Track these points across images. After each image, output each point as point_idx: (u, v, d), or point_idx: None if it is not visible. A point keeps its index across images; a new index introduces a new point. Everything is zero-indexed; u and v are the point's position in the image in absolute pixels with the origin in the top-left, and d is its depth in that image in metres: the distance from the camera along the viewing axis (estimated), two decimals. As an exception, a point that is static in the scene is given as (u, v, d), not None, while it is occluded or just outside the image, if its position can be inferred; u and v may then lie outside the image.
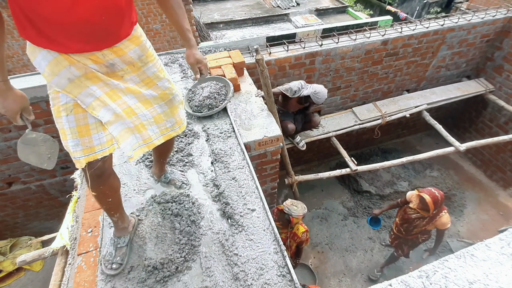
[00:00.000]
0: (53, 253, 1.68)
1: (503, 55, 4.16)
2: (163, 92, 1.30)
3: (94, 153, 1.15)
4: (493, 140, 3.74)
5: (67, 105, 1.08)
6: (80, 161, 1.15)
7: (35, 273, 3.83)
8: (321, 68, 3.54)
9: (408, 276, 1.21)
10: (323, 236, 4.07)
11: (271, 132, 2.27)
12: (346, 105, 4.17)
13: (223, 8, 9.67)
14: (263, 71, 2.40)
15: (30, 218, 3.98)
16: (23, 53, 5.64)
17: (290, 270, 1.47)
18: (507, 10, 3.99)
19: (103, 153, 1.16)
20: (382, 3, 11.84)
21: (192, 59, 1.44)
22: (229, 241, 1.59)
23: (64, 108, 1.08)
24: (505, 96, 4.26)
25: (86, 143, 1.14)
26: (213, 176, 1.92)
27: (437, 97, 4.12)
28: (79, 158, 1.14)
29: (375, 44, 3.53)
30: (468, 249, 1.30)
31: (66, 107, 1.08)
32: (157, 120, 1.32)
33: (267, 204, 1.74)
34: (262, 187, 1.94)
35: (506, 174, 4.46)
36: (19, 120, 1.14)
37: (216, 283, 1.44)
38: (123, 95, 1.18)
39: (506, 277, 1.17)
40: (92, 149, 1.15)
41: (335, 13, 9.25)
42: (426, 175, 4.79)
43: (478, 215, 4.27)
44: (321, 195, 4.59)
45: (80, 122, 1.12)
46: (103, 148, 1.16)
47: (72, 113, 1.10)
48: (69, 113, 1.09)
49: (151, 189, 1.85)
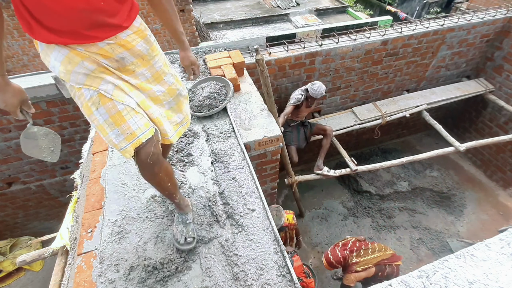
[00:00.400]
0: (53, 253, 1.68)
1: (503, 55, 4.16)
2: (170, 87, 1.31)
3: (138, 138, 1.14)
4: (493, 140, 3.75)
5: (92, 98, 1.08)
6: (128, 149, 1.14)
7: (35, 273, 3.83)
8: (321, 68, 3.54)
9: (408, 276, 1.21)
10: (323, 236, 4.07)
11: (271, 132, 2.27)
12: (346, 105, 4.17)
13: (223, 8, 9.67)
14: (263, 71, 2.40)
15: (30, 218, 3.98)
16: (23, 53, 5.64)
17: (290, 270, 1.47)
18: (507, 10, 3.99)
19: (145, 136, 1.15)
20: (382, 3, 11.84)
21: (186, 62, 1.48)
22: (229, 241, 1.59)
23: (92, 103, 1.08)
24: (505, 96, 4.26)
25: (125, 130, 1.14)
26: (213, 176, 1.92)
27: (437, 97, 4.12)
28: (126, 147, 1.14)
29: (375, 44, 3.53)
30: (468, 249, 1.30)
31: (93, 101, 1.08)
32: (168, 116, 1.33)
33: (267, 204, 1.74)
34: (262, 187, 1.94)
35: (506, 174, 4.46)
36: (19, 114, 1.14)
37: (216, 283, 1.44)
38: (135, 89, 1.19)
39: (506, 277, 1.17)
40: (133, 134, 1.15)
41: (335, 13, 9.25)
42: (426, 175, 4.79)
43: (478, 215, 4.27)
44: (321, 195, 4.59)
45: (111, 112, 1.11)
46: (143, 131, 1.16)
47: (101, 104, 1.09)
48: (98, 106, 1.09)
49: (151, 188, 1.85)
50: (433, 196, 4.52)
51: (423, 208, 4.39)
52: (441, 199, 4.48)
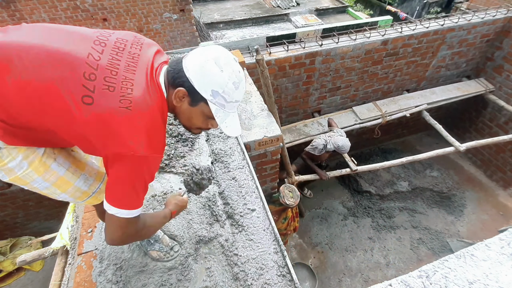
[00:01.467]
0: (53, 253, 1.68)
1: (503, 55, 4.16)
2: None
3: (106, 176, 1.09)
4: (493, 140, 3.75)
5: (47, 151, 0.94)
6: (102, 189, 1.08)
7: (35, 273, 3.83)
8: (321, 68, 3.54)
9: (408, 276, 1.21)
10: (323, 236, 4.07)
11: (271, 132, 2.27)
12: (346, 105, 4.17)
13: (223, 8, 9.66)
14: (263, 71, 2.40)
15: (30, 218, 3.98)
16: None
17: (290, 270, 1.47)
18: (507, 10, 3.99)
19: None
20: (382, 3, 11.83)
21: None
22: (229, 241, 1.59)
23: (47, 156, 0.93)
24: (505, 96, 4.26)
25: (92, 172, 1.07)
26: (213, 176, 1.92)
27: (437, 97, 4.12)
28: (99, 186, 1.08)
29: (375, 44, 3.53)
30: (468, 249, 1.30)
31: (48, 153, 0.94)
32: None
33: (267, 204, 1.74)
34: (262, 187, 1.94)
35: (506, 174, 4.46)
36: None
37: (216, 283, 1.44)
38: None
39: (506, 277, 1.17)
40: (100, 174, 1.10)
41: (335, 13, 9.25)
42: (426, 175, 4.79)
43: (478, 215, 4.27)
44: (321, 195, 4.59)
45: (70, 158, 1.01)
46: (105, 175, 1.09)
47: (57, 154, 0.96)
48: (55, 157, 0.96)
49: (151, 188, 1.85)
50: (433, 196, 4.52)
51: (423, 208, 4.39)
52: (441, 199, 4.48)
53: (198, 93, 0.87)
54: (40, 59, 0.76)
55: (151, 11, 5.75)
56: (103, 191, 1.07)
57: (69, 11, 5.37)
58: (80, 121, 0.78)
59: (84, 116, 0.77)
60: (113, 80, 0.80)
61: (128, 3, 5.56)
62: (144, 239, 1.20)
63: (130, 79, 0.82)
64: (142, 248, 1.55)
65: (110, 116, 0.78)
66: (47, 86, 0.76)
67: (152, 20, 5.86)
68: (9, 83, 0.75)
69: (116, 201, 0.87)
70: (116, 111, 0.78)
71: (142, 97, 0.82)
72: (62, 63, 0.78)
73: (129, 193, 0.87)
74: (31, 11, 5.19)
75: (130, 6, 5.60)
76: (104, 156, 0.84)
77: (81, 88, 0.77)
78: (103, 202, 0.89)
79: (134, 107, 0.80)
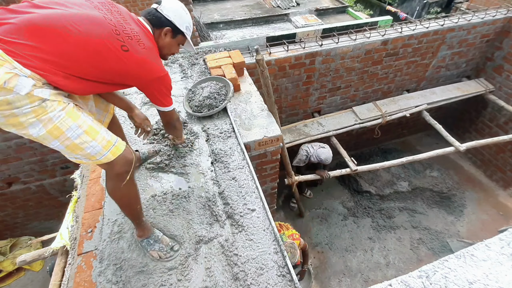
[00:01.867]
0: (53, 253, 1.68)
1: (503, 55, 4.16)
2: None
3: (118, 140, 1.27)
4: (493, 140, 3.75)
5: (76, 106, 1.12)
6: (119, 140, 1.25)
7: (35, 273, 3.83)
8: (321, 68, 3.54)
9: (408, 276, 1.21)
10: (323, 236, 4.07)
11: (271, 132, 2.27)
12: (346, 105, 4.17)
13: (223, 8, 9.66)
14: (263, 71, 2.40)
15: (30, 218, 3.98)
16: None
17: (290, 270, 1.47)
18: (507, 10, 3.99)
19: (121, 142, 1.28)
20: (382, 3, 11.83)
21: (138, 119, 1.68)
22: (229, 241, 1.59)
23: (77, 108, 1.12)
24: (505, 96, 4.26)
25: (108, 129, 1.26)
26: (213, 176, 1.92)
27: (437, 97, 4.12)
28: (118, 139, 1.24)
29: (375, 44, 3.53)
30: (468, 249, 1.30)
31: (77, 107, 1.12)
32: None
33: (267, 204, 1.74)
34: (262, 187, 1.94)
35: (506, 174, 4.46)
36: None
37: (216, 283, 1.44)
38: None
39: (506, 277, 1.17)
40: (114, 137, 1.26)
41: (335, 13, 9.23)
42: (426, 175, 4.79)
43: (478, 215, 4.27)
44: (321, 195, 4.59)
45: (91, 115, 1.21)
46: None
47: (83, 110, 1.16)
48: (83, 110, 1.15)
49: (151, 188, 1.85)
50: (433, 196, 4.52)
51: (423, 208, 4.39)
52: (441, 199, 4.48)
53: (178, 29, 1.38)
54: (85, 22, 1.05)
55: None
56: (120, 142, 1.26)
57: (69, 11, 5.37)
58: (128, 62, 1.15)
59: (129, 59, 1.15)
60: (127, 32, 1.16)
61: (128, 3, 5.55)
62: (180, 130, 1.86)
63: (132, 29, 1.19)
64: (142, 248, 1.55)
65: (142, 56, 1.19)
66: (100, 41, 1.07)
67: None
68: (70, 41, 1.01)
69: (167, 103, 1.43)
70: (143, 52, 1.19)
71: (146, 39, 1.24)
72: (99, 24, 1.09)
73: (169, 96, 1.43)
74: (31, 11, 5.19)
75: (130, 6, 5.60)
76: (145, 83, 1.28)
77: (117, 41, 1.11)
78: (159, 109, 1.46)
79: (147, 47, 1.22)
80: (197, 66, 2.93)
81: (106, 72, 1.13)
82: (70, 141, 1.08)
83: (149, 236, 1.53)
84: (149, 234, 1.54)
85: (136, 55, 1.15)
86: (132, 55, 1.14)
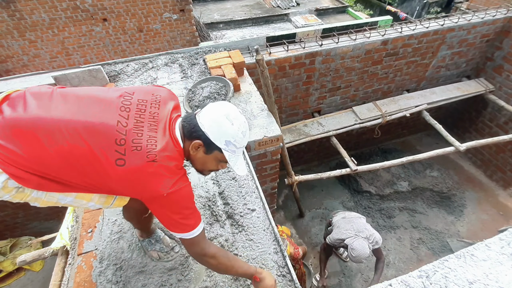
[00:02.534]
0: (53, 253, 1.68)
1: (503, 55, 4.16)
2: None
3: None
4: (493, 140, 3.74)
5: None
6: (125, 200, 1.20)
7: (35, 273, 3.83)
8: (321, 68, 3.54)
9: (408, 276, 1.21)
10: (323, 236, 4.07)
11: (271, 132, 2.27)
12: (346, 105, 4.17)
13: (223, 8, 9.66)
14: (263, 71, 2.40)
15: (30, 218, 3.98)
16: (23, 53, 5.64)
17: (290, 270, 1.47)
18: (507, 10, 3.99)
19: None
20: (382, 3, 11.83)
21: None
22: (229, 241, 1.59)
23: None
24: (505, 96, 4.26)
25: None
26: (213, 176, 1.92)
27: (437, 97, 4.12)
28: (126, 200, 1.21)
29: (375, 44, 3.53)
30: (468, 249, 1.29)
31: None
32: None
33: (267, 204, 1.74)
34: (262, 187, 1.94)
35: (506, 174, 4.46)
36: None
37: (216, 283, 1.44)
38: None
39: (506, 277, 1.17)
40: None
41: (335, 13, 9.24)
42: (426, 175, 4.79)
43: (478, 215, 4.27)
44: (321, 195, 4.59)
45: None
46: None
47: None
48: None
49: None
50: (433, 196, 4.52)
51: (423, 208, 4.39)
52: (441, 199, 4.48)
53: (213, 143, 1.03)
54: (78, 131, 0.93)
55: (151, 11, 5.75)
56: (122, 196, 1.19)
57: (69, 11, 5.37)
58: (116, 178, 0.96)
59: (118, 175, 0.95)
60: (139, 141, 0.96)
61: (128, 3, 5.56)
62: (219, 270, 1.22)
63: (153, 137, 0.99)
64: (143, 248, 1.55)
65: (139, 170, 0.95)
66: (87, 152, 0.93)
67: (152, 20, 5.86)
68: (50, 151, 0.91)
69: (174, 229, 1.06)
70: (144, 166, 0.95)
71: (164, 150, 0.98)
72: (97, 134, 0.94)
73: (178, 221, 1.04)
74: (31, 11, 5.19)
75: (130, 6, 5.60)
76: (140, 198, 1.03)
77: (114, 153, 0.94)
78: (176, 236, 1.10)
79: (159, 159, 0.96)
80: (197, 66, 2.93)
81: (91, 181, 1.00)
82: (66, 204, 1.09)
83: (150, 236, 1.53)
84: (151, 234, 1.54)
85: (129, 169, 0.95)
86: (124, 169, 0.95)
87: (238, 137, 1.04)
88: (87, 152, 0.93)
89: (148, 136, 0.98)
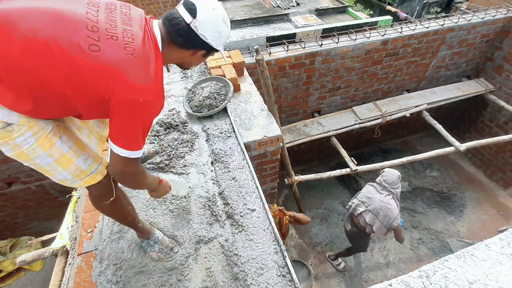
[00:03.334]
0: (53, 253, 1.68)
1: (503, 55, 4.16)
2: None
3: (103, 159, 1.17)
4: (493, 140, 3.75)
5: (54, 129, 0.99)
6: (100, 170, 1.14)
7: (35, 273, 3.83)
8: (321, 68, 3.54)
9: (408, 276, 1.21)
10: (323, 236, 4.07)
11: (271, 132, 2.27)
12: (346, 105, 4.17)
13: (223, 8, 9.65)
14: (263, 72, 2.40)
15: (30, 218, 3.98)
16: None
17: (290, 270, 1.47)
18: (507, 10, 3.99)
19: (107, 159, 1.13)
20: (382, 3, 11.83)
21: None
22: (229, 241, 1.59)
23: (54, 133, 0.98)
24: (505, 96, 4.26)
25: (91, 154, 1.12)
26: (213, 176, 1.92)
27: (437, 97, 4.12)
28: (97, 169, 1.13)
29: (375, 44, 3.53)
30: (468, 249, 1.30)
31: (54, 131, 0.99)
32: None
33: (267, 204, 1.74)
34: (262, 187, 1.94)
35: (506, 174, 4.46)
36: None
37: (216, 283, 1.44)
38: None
39: (506, 277, 1.17)
40: (98, 157, 1.16)
41: (335, 13, 9.23)
42: (426, 175, 4.79)
43: (478, 215, 4.27)
44: (321, 195, 4.59)
45: (73, 138, 1.07)
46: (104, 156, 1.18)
47: (61, 133, 1.02)
48: (61, 135, 1.01)
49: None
50: (433, 196, 4.52)
51: (423, 208, 4.39)
52: (441, 199, 4.48)
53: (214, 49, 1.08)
54: (43, 19, 0.81)
55: (151, 11, 5.76)
56: (100, 172, 1.15)
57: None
58: (88, 67, 0.83)
59: (93, 62, 0.83)
60: (114, 31, 0.88)
61: (128, 3, 5.56)
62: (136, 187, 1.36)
63: (129, 30, 0.91)
64: (142, 249, 1.55)
65: (118, 62, 0.85)
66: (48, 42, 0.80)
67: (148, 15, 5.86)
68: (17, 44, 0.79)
69: (120, 142, 0.96)
70: (123, 57, 0.86)
71: (142, 45, 0.91)
72: (64, 21, 0.83)
73: (131, 136, 0.96)
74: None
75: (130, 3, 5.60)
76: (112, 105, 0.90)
77: (86, 38, 0.83)
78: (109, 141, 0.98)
79: (137, 54, 0.89)
80: (197, 66, 2.94)
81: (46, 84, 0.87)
82: (39, 166, 1.00)
83: (149, 237, 1.53)
84: (149, 235, 1.53)
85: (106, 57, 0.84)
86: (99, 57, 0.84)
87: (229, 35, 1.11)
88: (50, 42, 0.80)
89: (123, 29, 0.90)
